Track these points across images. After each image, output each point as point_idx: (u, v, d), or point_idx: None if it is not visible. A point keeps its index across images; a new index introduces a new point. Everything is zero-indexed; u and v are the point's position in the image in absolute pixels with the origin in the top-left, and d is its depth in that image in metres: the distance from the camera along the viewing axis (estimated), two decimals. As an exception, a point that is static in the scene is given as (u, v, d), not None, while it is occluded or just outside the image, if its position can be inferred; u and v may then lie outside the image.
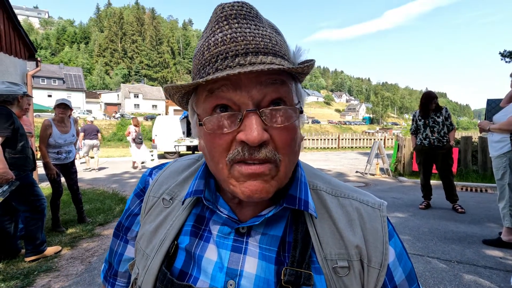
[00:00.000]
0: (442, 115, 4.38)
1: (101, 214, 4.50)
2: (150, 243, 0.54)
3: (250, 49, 0.41)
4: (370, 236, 0.49)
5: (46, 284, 2.54)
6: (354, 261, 0.48)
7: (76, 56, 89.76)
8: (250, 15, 0.44)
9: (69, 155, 3.91)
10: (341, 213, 0.51)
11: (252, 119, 0.41)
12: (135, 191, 0.63)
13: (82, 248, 3.32)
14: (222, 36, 0.42)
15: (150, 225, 0.56)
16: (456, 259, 2.86)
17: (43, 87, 48.26)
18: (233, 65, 0.41)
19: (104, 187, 6.72)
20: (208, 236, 0.51)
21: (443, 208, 4.66)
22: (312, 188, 0.54)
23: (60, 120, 3.81)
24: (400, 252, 0.51)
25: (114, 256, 0.63)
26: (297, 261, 0.47)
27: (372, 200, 0.54)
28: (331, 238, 0.49)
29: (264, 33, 0.43)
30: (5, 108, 2.83)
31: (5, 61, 6.24)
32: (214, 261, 0.49)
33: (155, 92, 66.46)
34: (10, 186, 2.69)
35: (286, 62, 0.44)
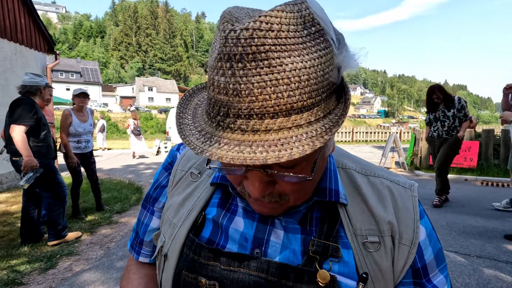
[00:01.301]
0: (454, 107, 4.12)
1: (118, 203, 4.64)
2: (178, 213, 0.55)
3: (255, 109, 0.34)
4: (401, 214, 0.49)
5: (68, 267, 2.65)
6: (385, 237, 0.47)
7: (93, 50, 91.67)
8: (262, 50, 0.33)
9: (88, 144, 4.02)
10: (371, 191, 0.51)
11: (255, 177, 0.41)
12: (163, 164, 0.64)
13: (101, 234, 3.44)
14: (225, 82, 0.35)
15: (178, 197, 0.57)
16: (475, 253, 2.78)
17: (62, 80, 49.66)
18: (234, 128, 0.36)
19: (121, 177, 6.90)
20: (235, 209, 0.52)
21: (461, 203, 4.52)
22: (342, 167, 0.54)
23: (79, 109, 3.92)
24: (430, 232, 0.51)
25: (140, 226, 0.65)
26: (324, 234, 0.47)
27: (403, 180, 0.53)
28: (360, 214, 0.48)
29: (279, 77, 0.33)
30: (29, 98, 2.93)
31: (26, 54, 6.44)
32: (241, 231, 0.50)
33: (168, 86, 67.21)
34: (35, 173, 2.80)
35: (306, 115, 0.35)
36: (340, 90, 0.41)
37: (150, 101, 62.32)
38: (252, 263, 0.46)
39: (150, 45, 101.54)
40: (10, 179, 5.81)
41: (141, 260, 0.64)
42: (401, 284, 0.48)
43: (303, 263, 0.45)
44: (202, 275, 0.48)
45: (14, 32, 6.02)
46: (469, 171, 6.82)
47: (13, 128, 2.74)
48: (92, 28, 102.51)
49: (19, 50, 6.20)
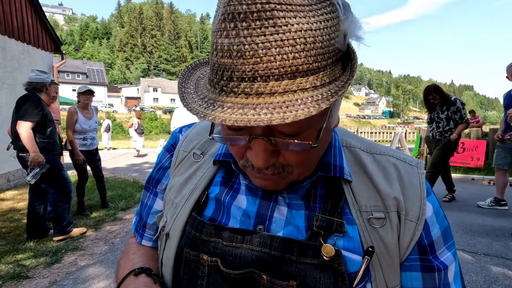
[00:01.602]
0: (449, 110, 3.99)
1: (123, 200, 4.67)
2: (180, 193, 0.54)
3: (260, 71, 0.33)
4: (407, 190, 0.48)
5: (72, 261, 2.67)
6: (391, 212, 0.46)
7: (98, 51, 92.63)
8: (267, 8, 0.32)
9: (94, 141, 4.06)
10: (376, 168, 0.50)
11: (259, 145, 0.39)
12: (165, 146, 0.64)
13: (106, 230, 3.46)
14: (228, 44, 0.34)
15: (180, 177, 0.56)
16: (483, 251, 2.74)
17: (68, 81, 50.22)
18: (238, 92, 0.35)
19: (125, 176, 6.94)
20: (238, 187, 0.51)
21: (468, 202, 4.46)
22: (346, 146, 0.53)
23: (84, 107, 3.95)
24: (437, 209, 0.50)
25: (144, 208, 0.64)
26: (329, 210, 0.46)
27: (409, 158, 0.53)
28: (366, 191, 0.48)
29: (285, 37, 0.32)
30: (35, 95, 2.96)
31: (33, 54, 6.53)
32: (243, 208, 0.49)
33: (173, 86, 67.56)
34: (41, 169, 2.83)
35: (311, 78, 0.35)
36: (346, 59, 0.40)
37: (155, 102, 62.74)
38: (255, 238, 0.45)
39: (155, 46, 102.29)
40: (17, 176, 5.88)
41: (144, 243, 0.64)
42: (407, 260, 0.47)
43: (307, 238, 0.45)
44: (204, 252, 0.47)
45: (22, 32, 6.11)
46: (476, 171, 6.73)
47: (19, 124, 2.77)
48: (98, 30, 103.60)
49: (27, 49, 6.29)
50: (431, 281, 0.46)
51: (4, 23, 5.57)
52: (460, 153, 7.10)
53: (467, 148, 7.03)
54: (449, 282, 0.47)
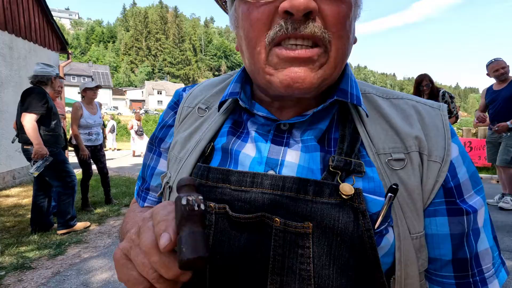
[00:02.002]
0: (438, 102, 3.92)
1: (127, 197, 4.67)
2: (184, 148, 0.51)
3: None
4: (430, 131, 0.44)
5: (76, 253, 2.66)
6: (412, 152, 0.42)
7: (104, 54, 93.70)
8: None
9: (99, 136, 4.06)
10: (394, 111, 0.47)
11: None
12: (169, 104, 0.61)
13: (109, 224, 3.44)
14: None
15: (184, 132, 0.53)
16: (493, 246, 2.67)
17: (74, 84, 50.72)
18: None
19: (129, 174, 6.95)
20: (246, 136, 0.48)
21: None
22: (361, 92, 0.49)
23: (89, 102, 3.96)
24: (463, 151, 0.46)
25: (147, 169, 0.61)
26: (345, 152, 0.43)
27: (430, 101, 0.49)
28: (383, 134, 0.44)
29: None
30: (40, 88, 2.97)
31: (39, 53, 6.60)
32: (252, 156, 0.46)
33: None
34: (44, 161, 2.83)
35: None
36: None
37: (159, 104, 63.12)
38: (265, 181, 0.41)
39: (160, 50, 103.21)
40: (22, 174, 5.91)
41: (147, 206, 0.61)
42: (431, 205, 0.42)
43: (323, 178, 0.41)
44: (210, 199, 0.44)
45: (29, 31, 6.18)
46: (484, 170, 6.63)
47: (24, 116, 2.77)
48: (104, 34, 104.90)
49: (33, 48, 6.36)
50: (459, 225, 0.42)
51: (11, 22, 5.64)
52: (468, 152, 7.00)
53: (475, 147, 6.93)
54: (478, 227, 0.43)
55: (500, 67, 3.61)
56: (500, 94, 3.67)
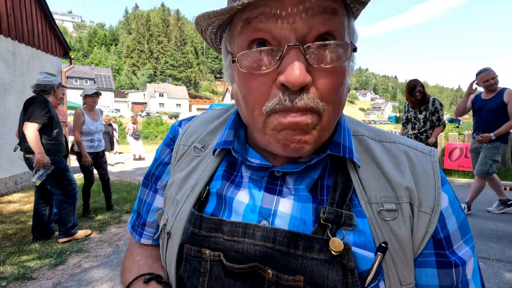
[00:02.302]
0: (427, 109, 3.82)
1: (128, 203, 4.67)
2: (181, 190, 0.52)
3: None
4: (420, 179, 0.44)
5: (77, 263, 2.66)
6: (403, 204, 0.43)
7: (106, 57, 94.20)
8: None
9: (101, 143, 4.08)
10: (386, 157, 0.47)
11: (294, 57, 0.36)
12: (164, 141, 0.61)
13: (110, 232, 3.45)
14: None
15: (181, 172, 0.54)
16: (495, 257, 2.65)
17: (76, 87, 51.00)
18: None
19: (131, 179, 6.97)
20: (240, 181, 0.49)
21: (478, 207, 4.35)
22: (354, 134, 0.50)
23: (91, 109, 3.99)
24: (453, 200, 0.46)
25: (142, 205, 0.61)
26: (336, 202, 0.43)
27: (421, 146, 0.49)
28: (375, 182, 0.44)
29: None
30: (43, 97, 3.00)
31: (42, 58, 6.65)
32: (246, 203, 0.46)
33: (179, 92, 68.24)
34: (46, 170, 2.84)
35: None
36: None
37: (161, 107, 63.34)
38: (257, 232, 0.42)
39: (162, 52, 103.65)
40: (24, 179, 5.94)
41: (143, 242, 0.61)
42: (421, 256, 0.43)
43: (314, 231, 0.42)
44: (205, 247, 0.45)
45: (32, 37, 6.23)
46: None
47: (26, 126, 2.79)
48: (106, 36, 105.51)
49: (36, 54, 6.40)
50: (448, 278, 0.42)
51: (14, 28, 5.69)
52: (469, 157, 6.96)
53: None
54: (467, 278, 0.43)
55: (490, 77, 3.60)
56: (487, 104, 3.66)
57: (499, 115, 3.55)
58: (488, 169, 3.63)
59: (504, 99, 3.51)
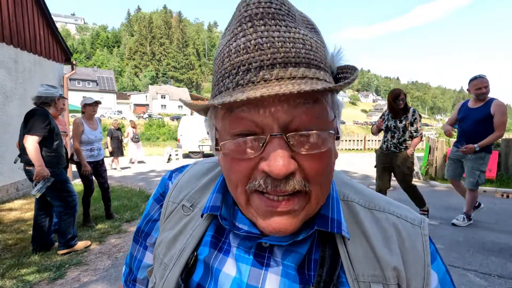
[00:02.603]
0: (407, 118, 3.77)
1: (128, 211, 4.67)
2: (169, 252, 0.51)
3: (278, 59, 0.35)
4: (409, 256, 0.44)
5: (76, 277, 2.66)
6: (391, 285, 0.42)
7: (108, 59, 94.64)
8: (280, 13, 0.37)
9: (100, 151, 4.09)
10: (375, 229, 0.46)
11: (277, 146, 0.35)
12: (154, 195, 0.61)
13: (110, 243, 3.45)
14: (245, 41, 0.36)
15: (169, 232, 0.53)
16: (496, 272, 2.62)
17: (78, 89, 51.37)
18: (257, 80, 0.35)
19: (132, 185, 6.98)
20: (228, 249, 0.48)
21: (480, 216, 4.32)
22: (343, 199, 0.49)
23: (90, 118, 3.99)
24: (443, 277, 0.45)
25: (133, 261, 0.61)
26: (323, 280, 0.42)
27: (411, 216, 0.48)
28: (364, 257, 0.44)
29: (296, 36, 0.36)
30: (43, 109, 3.01)
31: (44, 65, 6.68)
32: (233, 276, 0.45)
33: (181, 93, 68.38)
34: (45, 183, 2.85)
35: (322, 73, 0.37)
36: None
37: (162, 109, 63.52)
38: None
39: (164, 54, 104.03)
40: (26, 186, 5.96)
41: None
42: None
43: None
44: None
45: (34, 44, 6.27)
46: (488, 182, 6.54)
47: (26, 138, 2.80)
48: (109, 39, 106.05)
49: (38, 61, 6.44)
50: None
51: (17, 35, 5.73)
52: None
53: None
54: None
55: (482, 85, 3.53)
56: (473, 113, 3.61)
57: (484, 125, 3.52)
58: (477, 180, 3.62)
59: (491, 110, 3.48)
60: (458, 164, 3.81)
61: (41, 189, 2.84)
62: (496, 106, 3.48)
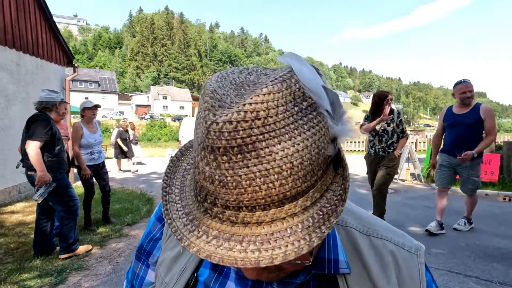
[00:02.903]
0: (393, 121, 3.75)
1: (129, 214, 4.68)
2: (170, 272, 0.52)
3: (245, 201, 0.31)
4: (406, 285, 0.45)
5: (77, 282, 2.67)
6: None
7: (110, 60, 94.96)
8: (247, 143, 0.30)
9: (101, 154, 4.10)
10: (373, 256, 0.47)
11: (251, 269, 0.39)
12: (156, 214, 0.61)
13: (111, 248, 3.46)
14: (210, 172, 0.32)
15: (171, 252, 0.54)
16: (498, 279, 2.61)
17: (81, 90, 51.54)
18: (223, 219, 0.33)
19: (133, 187, 6.99)
20: (228, 271, 0.49)
21: (482, 220, 4.30)
22: (341, 224, 0.50)
23: (89, 121, 4.00)
24: None
25: (136, 279, 0.62)
26: None
27: (408, 243, 0.49)
28: (361, 285, 0.44)
29: (268, 168, 0.30)
30: (45, 114, 3.02)
31: (46, 68, 6.72)
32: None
33: (182, 94, 68.53)
34: (47, 188, 2.87)
35: (300, 202, 0.33)
36: (337, 159, 0.38)
37: (164, 109, 63.63)
38: None
39: (166, 55, 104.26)
40: (28, 188, 5.99)
41: None
42: None
43: None
44: None
45: (36, 47, 6.30)
46: (489, 186, 6.51)
47: (28, 144, 2.82)
48: (111, 40, 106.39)
49: (40, 64, 6.47)
50: None
51: (19, 39, 5.76)
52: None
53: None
54: None
55: (467, 89, 3.53)
56: (462, 119, 3.57)
57: (475, 130, 3.52)
58: (477, 186, 3.66)
59: (481, 115, 3.48)
60: (452, 171, 3.75)
61: (43, 194, 2.86)
62: (485, 111, 3.50)
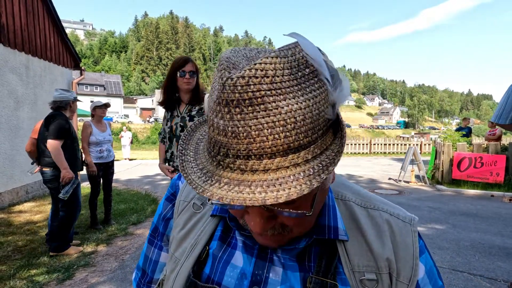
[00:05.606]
0: None
1: (134, 214, 4.74)
2: (180, 247, 0.55)
3: (253, 150, 0.35)
4: (400, 250, 0.48)
5: (83, 278, 2.72)
6: (383, 274, 0.47)
7: (116, 64, 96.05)
8: (257, 96, 0.34)
9: (110, 153, 4.16)
10: (370, 225, 0.50)
11: (255, 212, 0.41)
12: (166, 196, 0.64)
13: (117, 246, 3.51)
14: (223, 125, 0.36)
15: (181, 230, 0.57)
16: (502, 277, 2.60)
17: (86, 93, 52.11)
18: (234, 168, 0.37)
19: (138, 188, 7.06)
20: (235, 243, 0.52)
21: (487, 220, 4.28)
22: (341, 199, 0.53)
23: (99, 120, 4.08)
24: (430, 269, 0.50)
25: (149, 263, 0.64)
26: (322, 271, 0.47)
27: (403, 214, 0.52)
28: (359, 249, 0.48)
29: (275, 121, 0.34)
30: (62, 113, 3.10)
31: (54, 70, 6.85)
32: (240, 267, 0.49)
33: (186, 97, 68.78)
34: (72, 185, 2.94)
35: (303, 154, 0.36)
36: (336, 125, 0.41)
37: (168, 113, 63.89)
38: None
39: (170, 59, 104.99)
40: (35, 188, 6.09)
41: None
42: None
43: None
44: None
45: (44, 50, 6.44)
46: (495, 187, 6.46)
47: (49, 143, 2.89)
48: (116, 44, 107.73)
49: (48, 67, 6.61)
50: None
51: (28, 43, 5.90)
52: (478, 168, 6.85)
53: (486, 163, 6.78)
54: None
55: None
56: None
57: None
58: None
59: None
60: None
61: (68, 191, 2.94)
62: None
